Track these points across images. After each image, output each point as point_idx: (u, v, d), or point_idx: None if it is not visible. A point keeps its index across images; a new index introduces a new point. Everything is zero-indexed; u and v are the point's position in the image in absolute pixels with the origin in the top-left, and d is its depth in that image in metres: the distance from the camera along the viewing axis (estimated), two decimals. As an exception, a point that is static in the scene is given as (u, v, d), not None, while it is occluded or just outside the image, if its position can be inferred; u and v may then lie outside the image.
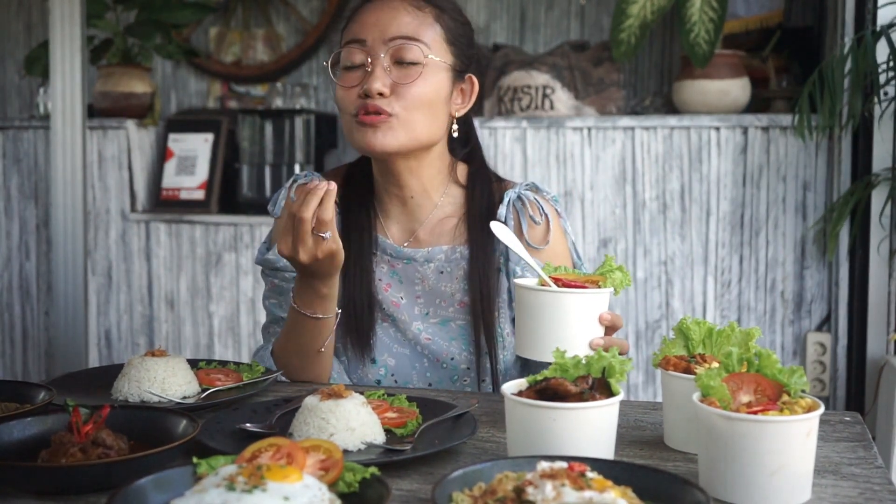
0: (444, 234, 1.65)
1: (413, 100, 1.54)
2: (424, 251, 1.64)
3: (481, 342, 1.60)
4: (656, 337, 2.97)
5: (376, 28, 1.56)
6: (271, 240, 1.69)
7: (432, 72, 1.56)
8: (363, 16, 1.59)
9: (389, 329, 1.63)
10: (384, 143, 1.54)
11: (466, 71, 1.64)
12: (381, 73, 1.54)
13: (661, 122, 2.96)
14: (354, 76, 1.56)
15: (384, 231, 1.67)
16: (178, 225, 3.41)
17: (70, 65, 2.81)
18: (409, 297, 1.64)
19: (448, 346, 1.61)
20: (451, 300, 1.63)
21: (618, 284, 1.38)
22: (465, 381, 1.62)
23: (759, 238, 2.93)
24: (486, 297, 1.60)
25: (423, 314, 1.63)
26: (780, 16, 3.12)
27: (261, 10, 3.76)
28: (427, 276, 1.64)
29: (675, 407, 1.20)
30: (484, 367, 1.60)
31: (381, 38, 1.55)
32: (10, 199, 3.57)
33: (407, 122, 1.54)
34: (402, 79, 1.54)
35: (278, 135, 3.44)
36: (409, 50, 1.55)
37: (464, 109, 1.65)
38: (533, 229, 1.63)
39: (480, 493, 0.93)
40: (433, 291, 1.64)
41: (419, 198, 1.65)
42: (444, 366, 1.61)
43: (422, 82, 1.55)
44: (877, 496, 1.03)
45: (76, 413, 1.08)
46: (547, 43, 3.47)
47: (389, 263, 1.65)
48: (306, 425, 1.17)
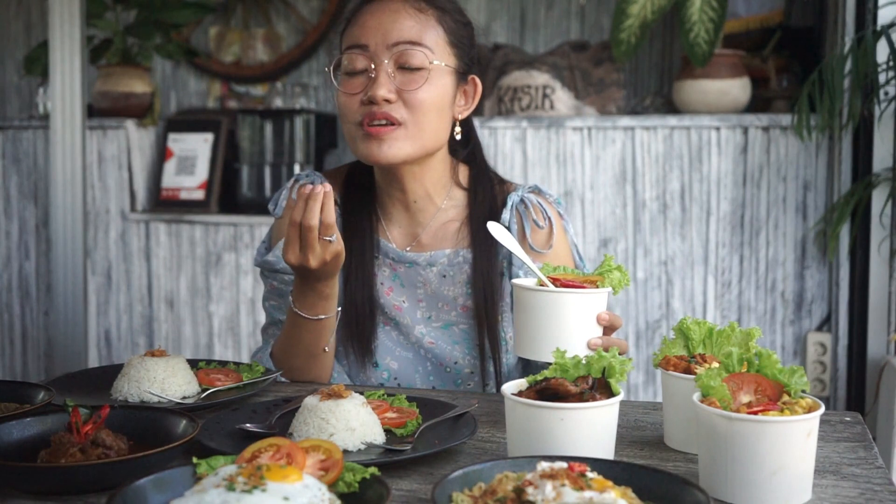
0: (446, 238, 1.64)
1: (419, 106, 1.52)
2: (427, 255, 1.63)
3: (485, 346, 1.59)
4: (656, 337, 2.97)
5: (378, 32, 1.53)
6: (272, 241, 1.67)
7: (437, 76, 1.54)
8: (364, 19, 1.56)
9: (392, 332, 1.62)
10: (390, 155, 1.52)
11: (469, 72, 1.62)
12: (385, 79, 1.51)
13: (662, 122, 2.96)
14: (357, 82, 1.54)
15: (386, 234, 1.65)
16: (178, 225, 3.41)
17: (70, 65, 2.81)
18: (411, 300, 1.63)
19: (451, 351, 1.60)
20: (454, 304, 1.62)
21: (616, 284, 1.38)
22: (469, 384, 1.61)
23: (760, 238, 2.93)
24: (489, 300, 1.59)
25: (425, 318, 1.62)
26: (780, 16, 3.12)
27: (261, 9, 3.76)
28: (429, 280, 1.63)
29: (675, 407, 1.20)
30: (487, 371, 1.59)
31: (384, 43, 1.52)
32: (10, 199, 3.57)
33: (414, 129, 1.52)
34: (406, 84, 1.52)
35: (278, 135, 3.44)
36: (413, 55, 1.52)
37: (467, 111, 1.63)
38: (536, 233, 1.62)
39: (480, 493, 0.93)
40: (435, 295, 1.63)
41: (422, 202, 1.63)
42: (447, 370, 1.61)
43: (427, 87, 1.52)
44: (877, 496, 1.03)
45: (76, 413, 1.08)
46: (547, 43, 3.47)
47: (391, 267, 1.64)
48: (306, 425, 1.17)
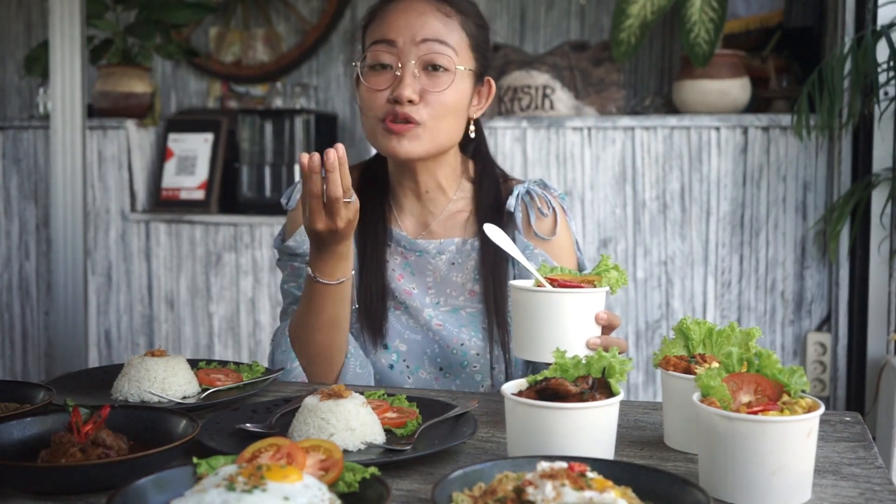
0: (455, 227, 1.69)
1: (441, 108, 1.57)
2: (437, 243, 1.68)
3: (493, 329, 1.63)
4: (656, 337, 2.97)
5: (407, 30, 1.57)
6: (287, 233, 1.71)
7: (459, 80, 1.59)
8: (391, 17, 1.60)
9: (402, 316, 1.66)
10: (409, 151, 1.58)
11: (485, 74, 1.68)
12: (411, 79, 1.56)
13: (661, 122, 2.96)
14: (382, 78, 1.58)
15: (398, 224, 1.70)
16: (178, 225, 3.41)
17: (70, 65, 2.81)
18: (420, 287, 1.67)
19: (458, 333, 1.64)
20: (462, 289, 1.67)
21: (614, 284, 1.38)
22: (475, 367, 1.64)
23: (760, 238, 2.93)
24: (497, 284, 1.64)
25: (434, 303, 1.67)
26: (780, 16, 3.12)
27: (261, 10, 3.76)
28: (438, 268, 1.68)
29: (675, 407, 1.20)
30: (495, 354, 1.63)
31: (411, 41, 1.57)
32: (10, 199, 3.57)
33: (433, 129, 1.58)
34: (431, 86, 1.57)
35: (278, 135, 3.44)
36: (438, 55, 1.57)
37: (480, 111, 1.69)
38: (541, 221, 1.67)
39: (480, 493, 0.93)
40: (444, 282, 1.67)
41: (434, 192, 1.68)
42: (453, 352, 1.64)
43: (450, 92, 1.58)
44: (877, 496, 1.03)
45: (76, 413, 1.08)
46: (547, 43, 3.47)
47: (402, 255, 1.69)
48: (306, 425, 1.17)
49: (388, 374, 1.64)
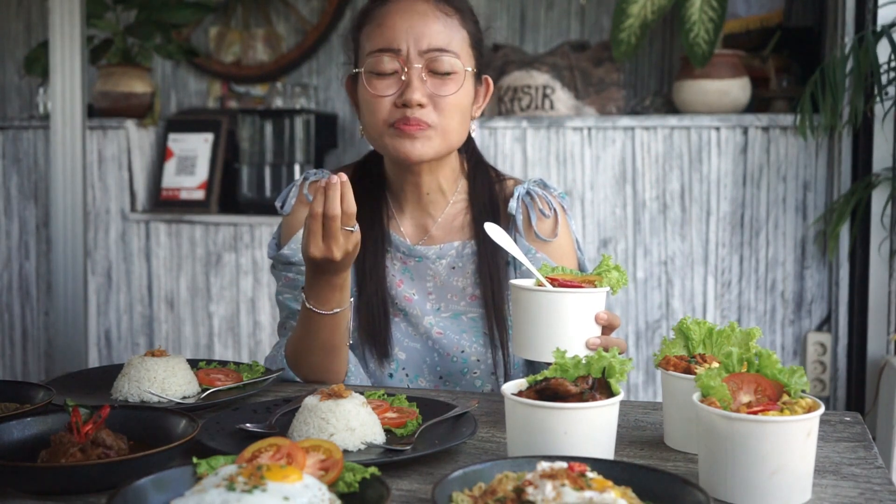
0: (455, 231, 1.68)
1: (450, 110, 1.57)
2: (436, 248, 1.66)
3: (494, 333, 1.62)
4: (656, 337, 2.97)
5: (410, 36, 1.55)
6: (282, 238, 1.69)
7: (465, 81, 1.59)
8: (392, 20, 1.57)
9: (401, 324, 1.65)
10: (422, 153, 1.56)
11: (483, 72, 1.67)
12: (419, 84, 1.55)
13: (661, 122, 2.95)
14: (386, 83, 1.56)
15: (398, 228, 1.68)
16: (178, 225, 3.41)
17: (70, 65, 2.81)
18: (420, 292, 1.66)
19: (458, 340, 1.63)
20: (462, 294, 1.65)
21: (614, 284, 1.38)
22: (476, 372, 1.63)
23: (760, 238, 2.93)
24: (496, 287, 1.63)
25: (434, 309, 1.65)
26: (780, 16, 3.12)
27: (261, 10, 3.76)
28: (439, 273, 1.66)
29: (675, 407, 1.20)
30: (496, 358, 1.62)
31: (416, 48, 1.55)
32: (10, 199, 3.57)
33: (444, 131, 1.57)
34: (438, 89, 1.56)
35: (278, 135, 3.44)
36: (444, 61, 1.56)
37: (479, 110, 1.68)
38: (542, 222, 1.66)
39: (480, 493, 0.93)
40: (445, 287, 1.66)
41: (434, 194, 1.67)
42: (454, 359, 1.63)
43: (458, 93, 1.57)
44: (877, 496, 1.03)
45: (76, 413, 1.08)
46: (547, 43, 3.47)
47: (402, 260, 1.67)
48: (306, 425, 1.17)
49: (387, 383, 1.64)
